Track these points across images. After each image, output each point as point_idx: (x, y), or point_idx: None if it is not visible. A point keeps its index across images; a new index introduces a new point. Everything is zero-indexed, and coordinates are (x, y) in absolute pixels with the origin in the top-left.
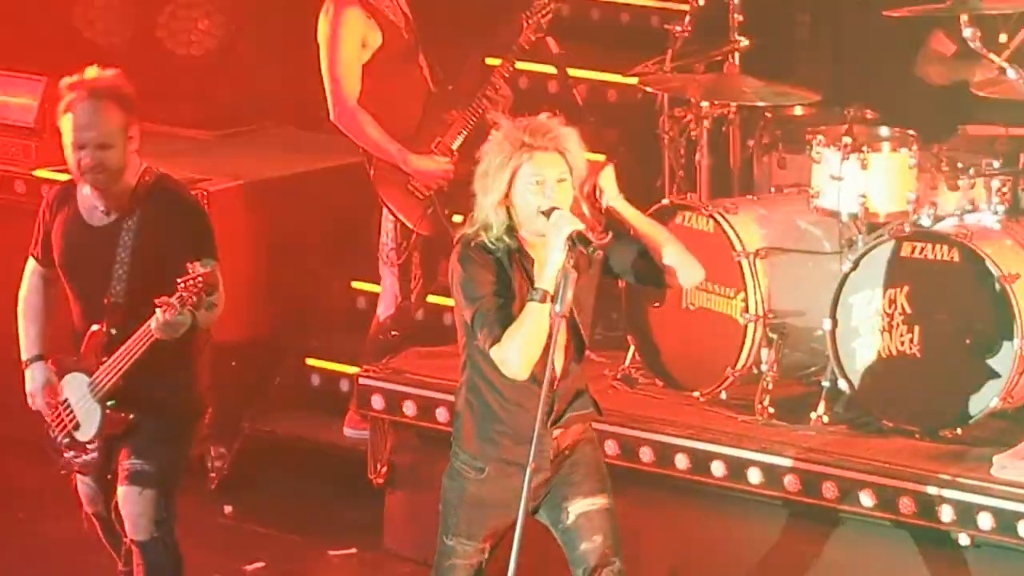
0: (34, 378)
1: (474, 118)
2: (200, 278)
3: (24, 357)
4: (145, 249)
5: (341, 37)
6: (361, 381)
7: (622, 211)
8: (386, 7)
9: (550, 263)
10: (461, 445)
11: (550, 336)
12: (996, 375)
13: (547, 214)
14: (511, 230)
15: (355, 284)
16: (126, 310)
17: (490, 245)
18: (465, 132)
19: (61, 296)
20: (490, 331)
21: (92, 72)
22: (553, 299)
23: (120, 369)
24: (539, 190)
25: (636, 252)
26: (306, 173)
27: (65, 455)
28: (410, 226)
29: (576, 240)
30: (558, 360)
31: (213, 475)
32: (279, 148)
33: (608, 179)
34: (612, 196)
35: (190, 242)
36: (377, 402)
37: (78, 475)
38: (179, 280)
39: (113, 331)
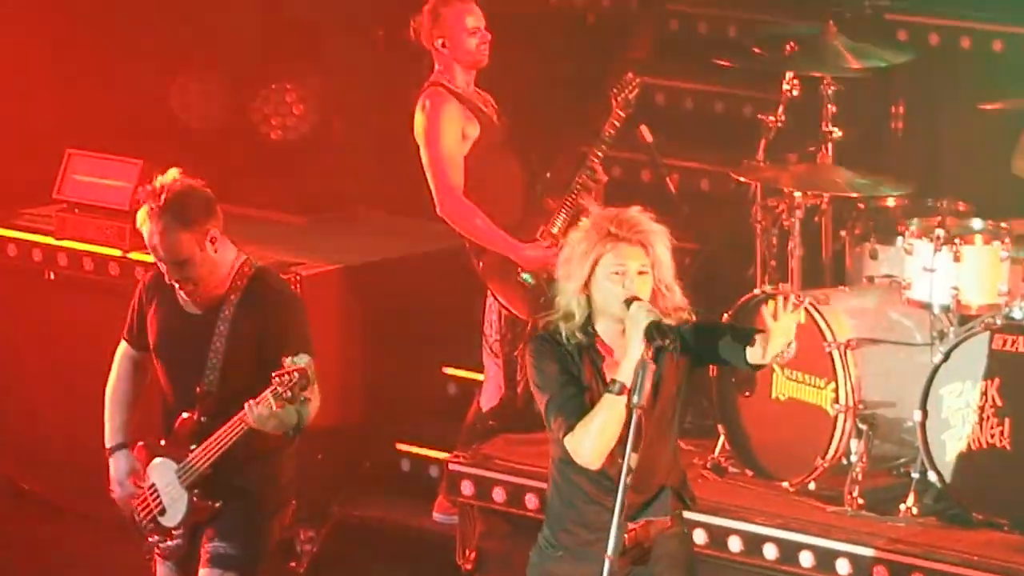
0: (118, 467)
1: (572, 202)
2: (296, 372)
3: (108, 445)
4: (240, 340)
5: (443, 131)
6: (451, 467)
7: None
8: (477, 99)
9: (629, 355)
10: (547, 522)
11: (627, 428)
12: None
13: (627, 304)
14: (588, 322)
15: (446, 370)
16: (218, 400)
17: (561, 339)
18: (565, 216)
19: (151, 382)
20: (564, 421)
21: (166, 180)
22: (631, 391)
23: (210, 458)
24: (619, 280)
25: (721, 335)
26: (398, 258)
27: (149, 539)
28: (522, 317)
29: (654, 331)
30: (638, 453)
31: (302, 559)
32: (372, 233)
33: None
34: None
35: (286, 337)
36: (467, 488)
37: (159, 561)
38: (274, 375)
39: (204, 419)
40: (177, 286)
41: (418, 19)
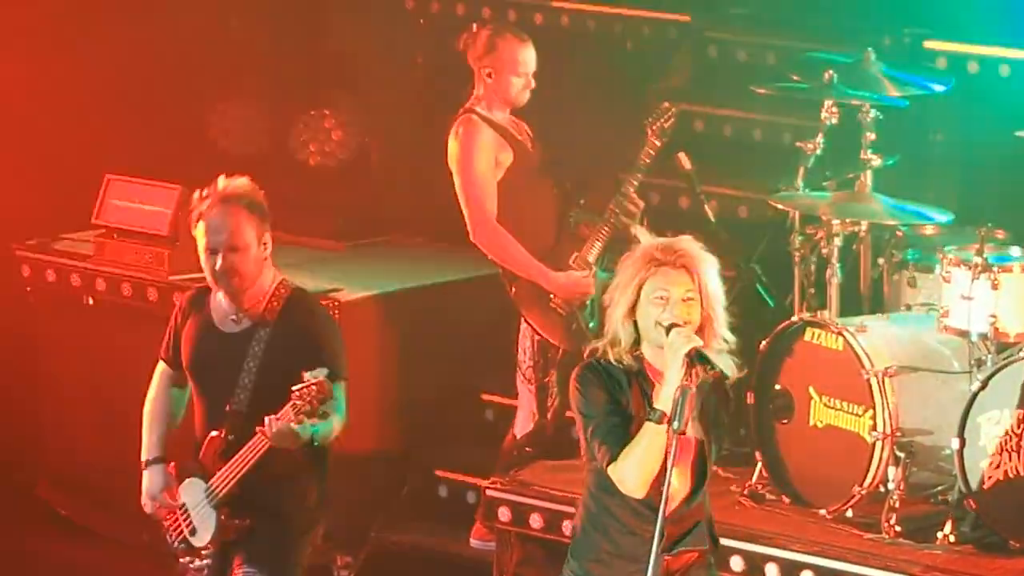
0: (152, 480)
1: (607, 230)
2: (314, 387)
3: (144, 458)
4: (274, 361)
5: (476, 157)
6: (488, 493)
7: None
8: (511, 126)
9: (667, 382)
10: (573, 554)
11: (667, 456)
12: None
13: (667, 330)
14: (636, 348)
15: (484, 396)
16: (247, 418)
17: (609, 366)
18: (600, 244)
19: (188, 401)
20: (608, 449)
21: (222, 180)
22: (670, 419)
23: (236, 476)
24: (661, 304)
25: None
26: (436, 285)
27: (180, 560)
28: (554, 343)
29: (694, 358)
30: (679, 481)
31: None
32: (410, 259)
33: None
34: None
35: (321, 360)
36: (504, 514)
37: None
38: (294, 389)
39: (231, 438)
40: (222, 291)
41: (470, 36)
